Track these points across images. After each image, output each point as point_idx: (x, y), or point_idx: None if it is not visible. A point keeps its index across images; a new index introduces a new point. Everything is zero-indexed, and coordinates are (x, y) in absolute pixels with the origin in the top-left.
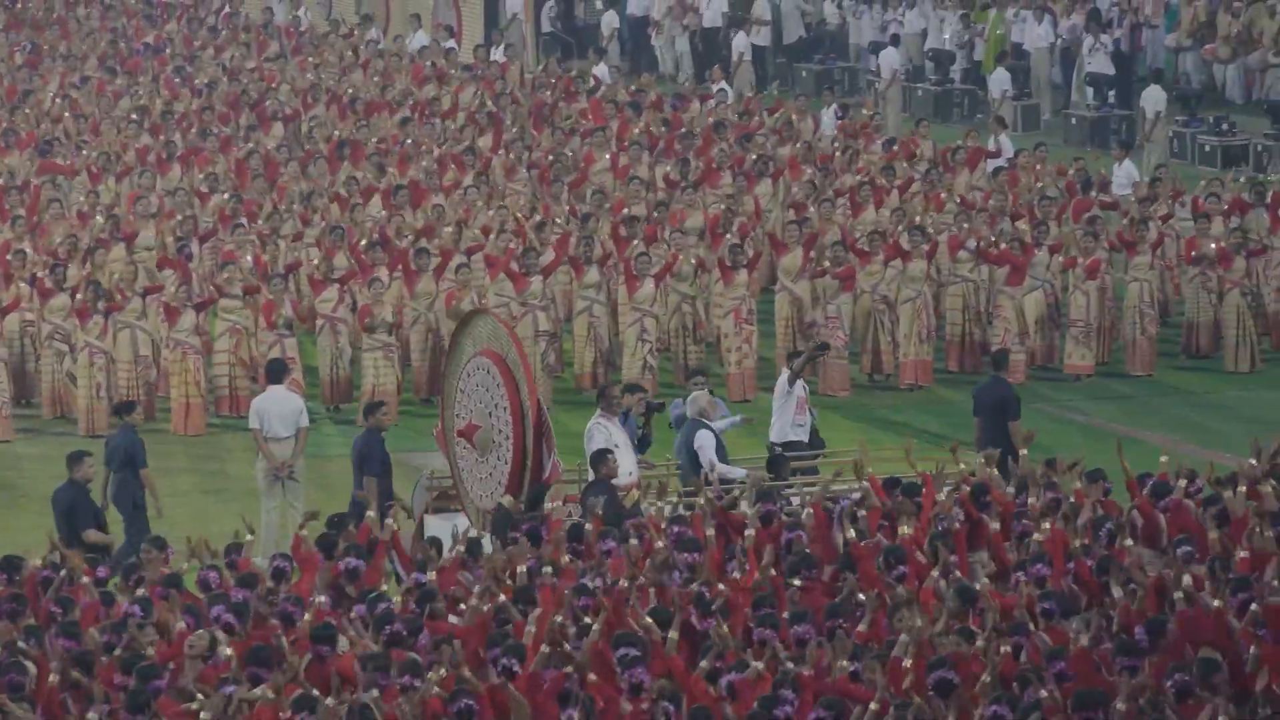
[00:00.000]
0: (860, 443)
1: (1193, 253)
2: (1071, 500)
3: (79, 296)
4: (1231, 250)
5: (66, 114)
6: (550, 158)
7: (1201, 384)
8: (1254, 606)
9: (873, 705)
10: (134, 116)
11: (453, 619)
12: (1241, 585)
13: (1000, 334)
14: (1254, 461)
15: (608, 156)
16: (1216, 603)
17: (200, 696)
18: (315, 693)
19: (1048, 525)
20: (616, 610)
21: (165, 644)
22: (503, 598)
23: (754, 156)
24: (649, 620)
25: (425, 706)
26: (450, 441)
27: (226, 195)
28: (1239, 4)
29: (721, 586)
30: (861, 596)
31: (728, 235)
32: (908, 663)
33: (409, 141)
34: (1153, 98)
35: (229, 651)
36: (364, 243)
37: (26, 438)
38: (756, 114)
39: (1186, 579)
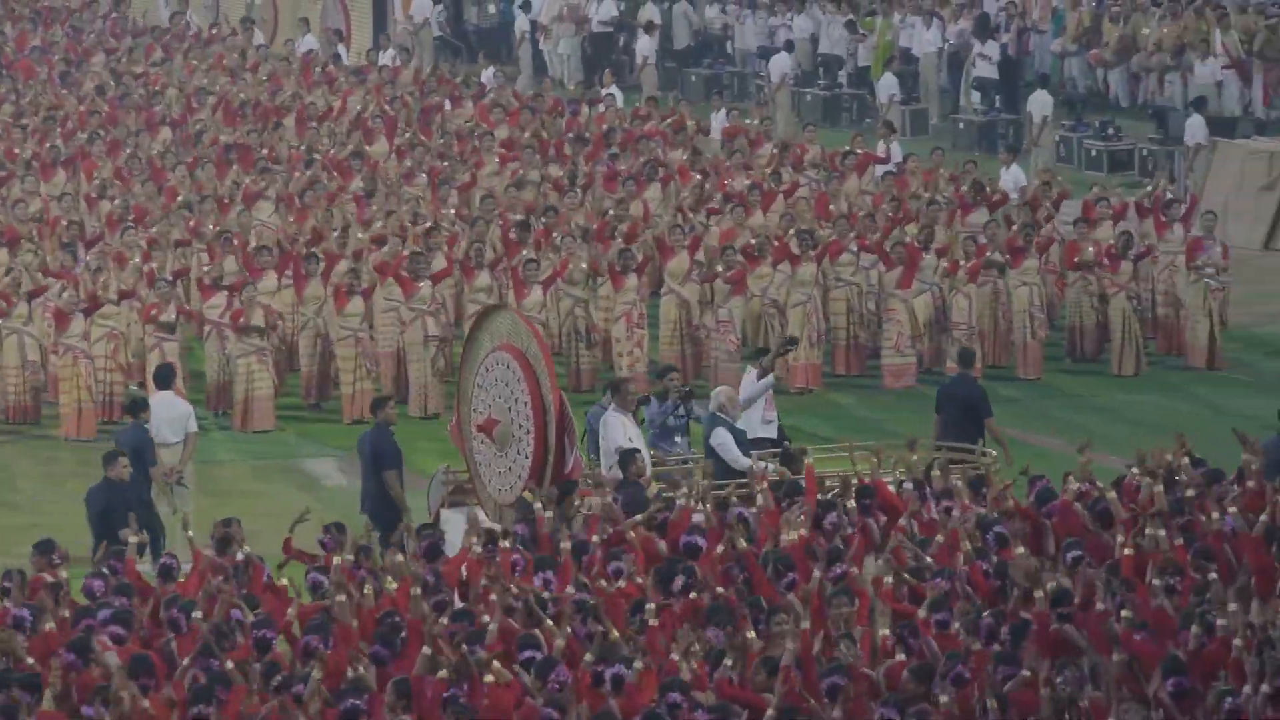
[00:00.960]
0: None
1: (1075, 258)
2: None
3: None
4: (1119, 253)
5: None
6: (444, 162)
7: (1088, 387)
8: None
9: (770, 712)
10: (20, 120)
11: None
12: (1123, 585)
13: (893, 337)
14: (1137, 469)
15: (496, 160)
16: (1101, 605)
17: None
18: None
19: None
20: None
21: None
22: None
23: (643, 160)
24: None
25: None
26: (466, 436)
27: (115, 200)
28: (1120, 9)
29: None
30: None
31: (616, 240)
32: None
33: (303, 147)
34: (1039, 102)
35: (115, 660)
36: (252, 246)
37: None
38: (651, 118)
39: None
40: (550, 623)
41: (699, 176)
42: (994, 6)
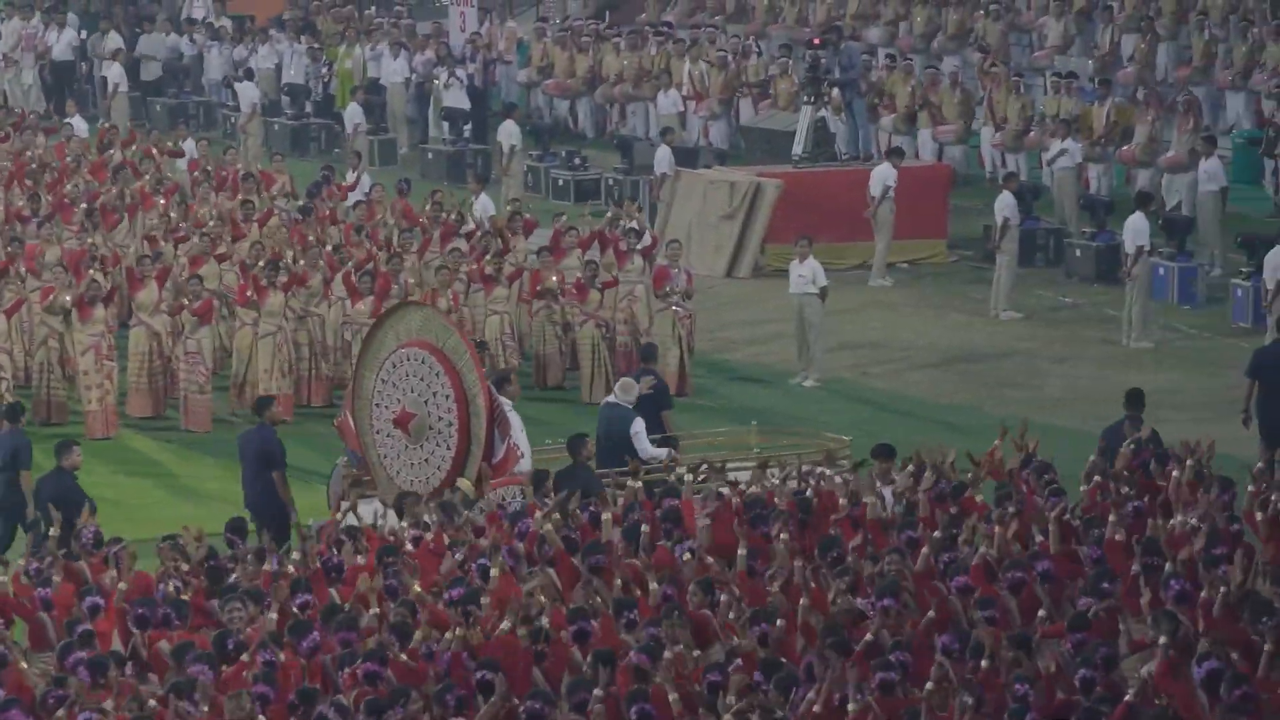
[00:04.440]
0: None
1: (538, 286)
2: None
3: None
4: (586, 283)
5: None
6: None
7: (557, 415)
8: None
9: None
10: None
11: None
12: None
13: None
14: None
15: None
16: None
17: None
18: None
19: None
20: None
21: None
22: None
23: (112, 190)
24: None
25: None
26: (365, 431)
27: None
28: (587, 39)
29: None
30: None
31: (90, 271)
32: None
33: None
34: (508, 132)
35: None
36: None
37: None
38: (114, 147)
39: None
40: None
41: (162, 201)
42: (460, 37)
